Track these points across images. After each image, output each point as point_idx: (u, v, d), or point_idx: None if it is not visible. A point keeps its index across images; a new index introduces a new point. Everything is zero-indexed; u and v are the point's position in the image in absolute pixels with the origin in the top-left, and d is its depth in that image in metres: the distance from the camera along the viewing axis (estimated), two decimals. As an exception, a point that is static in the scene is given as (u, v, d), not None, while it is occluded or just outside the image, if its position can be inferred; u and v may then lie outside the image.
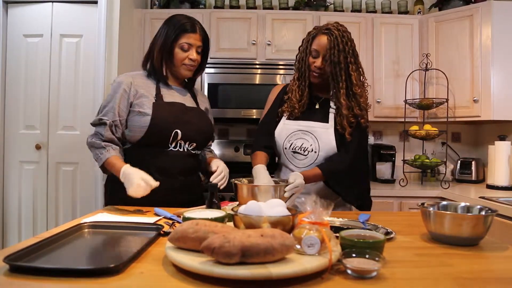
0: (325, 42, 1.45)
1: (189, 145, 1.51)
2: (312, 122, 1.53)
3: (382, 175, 2.83)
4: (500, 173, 2.42)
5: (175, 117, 1.47)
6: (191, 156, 1.53)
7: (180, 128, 1.46)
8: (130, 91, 1.46)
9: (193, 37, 1.48)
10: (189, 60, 1.49)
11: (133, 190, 1.27)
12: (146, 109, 1.44)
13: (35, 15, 2.57)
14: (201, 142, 1.56)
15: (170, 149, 1.47)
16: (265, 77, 2.69)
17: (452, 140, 3.09)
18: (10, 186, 2.59)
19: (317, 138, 1.51)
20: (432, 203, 1.12)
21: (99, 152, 1.41)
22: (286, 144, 1.54)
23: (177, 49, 1.48)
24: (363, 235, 0.88)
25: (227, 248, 0.69)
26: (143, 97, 1.47)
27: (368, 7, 3.00)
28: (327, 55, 1.45)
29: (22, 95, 2.58)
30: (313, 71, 1.50)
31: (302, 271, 0.70)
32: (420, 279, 0.75)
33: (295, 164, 1.54)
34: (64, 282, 0.71)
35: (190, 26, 1.48)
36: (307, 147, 1.51)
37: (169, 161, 1.47)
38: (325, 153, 1.50)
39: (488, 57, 2.47)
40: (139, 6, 2.87)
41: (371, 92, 2.77)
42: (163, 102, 1.48)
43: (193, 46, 1.49)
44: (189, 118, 1.51)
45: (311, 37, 1.51)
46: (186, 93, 1.61)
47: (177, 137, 1.46)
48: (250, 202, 0.89)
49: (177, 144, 1.48)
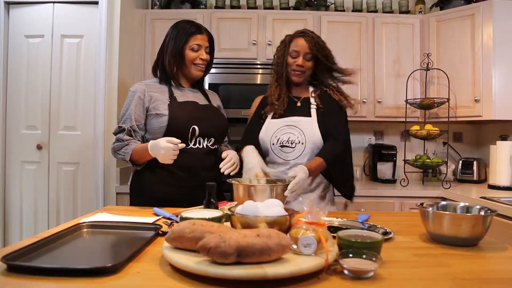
0: (303, 43, 1.60)
1: (207, 140, 1.59)
2: (296, 117, 1.62)
3: (383, 175, 2.82)
4: (502, 173, 2.41)
5: (190, 114, 1.55)
6: (210, 152, 1.61)
7: (197, 124, 1.54)
8: (145, 97, 1.56)
9: (201, 38, 1.60)
10: (199, 59, 1.60)
11: (162, 155, 1.36)
12: (162, 111, 1.53)
13: (36, 16, 2.57)
14: (218, 136, 1.64)
15: (190, 146, 1.54)
16: (265, 77, 2.68)
17: (454, 140, 3.08)
18: (12, 186, 2.59)
19: (302, 130, 1.59)
20: (431, 203, 1.12)
21: (124, 149, 1.49)
22: (273, 140, 1.61)
23: (188, 50, 1.59)
24: (360, 235, 0.87)
25: (222, 248, 0.69)
26: (158, 100, 1.56)
27: (369, 6, 2.99)
28: (309, 54, 1.60)
29: (23, 95, 2.58)
30: (295, 70, 1.62)
31: (298, 271, 0.70)
32: (418, 280, 0.75)
33: (283, 158, 1.59)
34: (61, 281, 0.71)
35: (197, 29, 1.60)
36: (294, 140, 1.59)
37: (190, 159, 1.53)
38: (311, 144, 1.58)
39: (490, 57, 2.46)
40: (139, 7, 2.87)
41: (372, 91, 2.77)
42: (178, 102, 1.57)
43: (202, 46, 1.60)
44: (204, 114, 1.60)
45: (287, 41, 1.65)
46: (198, 93, 1.70)
47: (195, 133, 1.54)
48: (247, 202, 0.89)
49: (196, 141, 1.56)
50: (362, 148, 3.09)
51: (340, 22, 2.77)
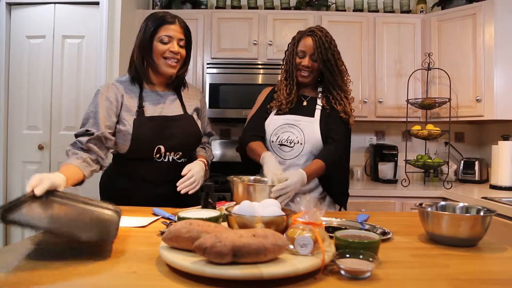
0: (310, 43, 1.55)
1: (174, 155, 1.47)
2: (299, 116, 1.60)
3: (384, 175, 2.81)
4: (504, 173, 2.39)
5: (156, 133, 1.41)
6: (176, 165, 1.47)
7: (162, 143, 1.43)
8: (118, 103, 1.42)
9: (173, 28, 1.40)
10: (170, 52, 1.40)
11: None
12: (127, 127, 1.40)
13: (37, 17, 2.59)
14: (186, 151, 1.51)
15: (154, 159, 1.44)
16: (266, 77, 2.68)
17: (455, 140, 3.07)
18: (13, 186, 2.61)
19: (302, 130, 1.57)
20: (430, 203, 1.11)
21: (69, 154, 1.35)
22: (272, 138, 1.59)
23: (156, 42, 1.40)
24: (358, 235, 0.87)
25: (218, 248, 0.69)
26: (126, 110, 1.42)
27: (370, 6, 2.98)
28: (315, 55, 1.55)
29: (25, 96, 2.60)
30: (301, 70, 1.59)
31: (293, 271, 0.70)
32: (414, 280, 0.75)
33: (281, 156, 1.58)
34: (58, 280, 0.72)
35: (169, 18, 1.41)
36: (293, 139, 1.56)
37: (153, 172, 1.45)
38: (310, 145, 1.55)
39: (491, 56, 2.45)
40: (140, 7, 2.88)
41: (373, 91, 2.76)
42: (144, 118, 1.42)
43: (173, 38, 1.40)
44: (173, 131, 1.45)
45: (296, 40, 1.61)
46: (173, 98, 1.52)
47: (160, 151, 1.44)
48: (244, 202, 0.89)
49: (161, 155, 1.45)
50: (363, 148, 3.08)
51: (341, 22, 2.76)
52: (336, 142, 1.55)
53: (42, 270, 0.76)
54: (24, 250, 0.89)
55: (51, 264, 0.79)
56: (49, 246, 0.92)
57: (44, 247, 0.92)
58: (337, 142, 1.55)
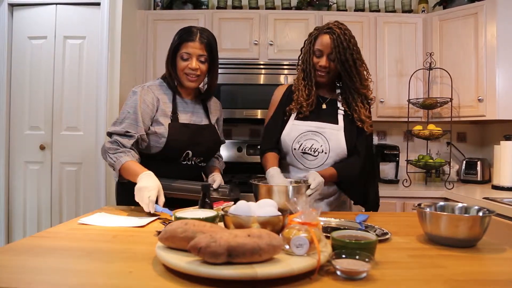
0: (328, 41, 1.46)
1: (197, 159, 1.57)
2: (322, 123, 1.53)
3: (385, 175, 2.80)
4: (506, 174, 2.38)
5: (188, 139, 1.51)
6: (197, 168, 1.60)
7: (191, 149, 1.53)
8: (154, 107, 1.49)
9: (192, 46, 1.46)
10: (188, 69, 1.47)
11: (137, 198, 1.26)
12: (163, 130, 1.48)
13: (39, 17, 2.60)
14: (208, 156, 1.64)
15: (179, 161, 1.53)
16: (267, 77, 2.68)
17: (457, 140, 3.05)
18: (15, 186, 2.62)
19: (327, 139, 1.51)
20: (429, 203, 1.11)
21: (118, 156, 1.37)
22: (295, 145, 1.53)
23: (178, 58, 1.49)
24: (355, 235, 0.87)
25: (213, 247, 0.69)
26: (161, 114, 1.50)
27: (372, 6, 2.97)
28: (332, 54, 1.46)
29: (26, 96, 2.61)
30: (319, 71, 1.51)
31: (289, 271, 0.70)
32: (410, 280, 0.74)
33: (304, 165, 1.53)
34: (55, 279, 0.72)
35: (189, 35, 1.47)
36: (318, 148, 1.51)
37: (175, 172, 1.51)
38: (335, 154, 1.51)
39: (493, 56, 2.43)
40: (141, 7, 2.88)
41: (375, 91, 2.74)
42: (179, 124, 1.51)
43: (192, 55, 1.47)
44: (201, 139, 1.55)
45: (313, 37, 1.52)
46: (199, 107, 1.62)
47: (188, 155, 1.54)
48: (239, 202, 0.89)
49: (188, 159, 1.55)
50: (365, 148, 3.07)
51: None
52: (356, 155, 1.52)
53: (40, 269, 0.76)
54: (24, 249, 0.89)
55: (49, 264, 0.79)
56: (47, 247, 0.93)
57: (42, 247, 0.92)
58: (357, 155, 1.52)
